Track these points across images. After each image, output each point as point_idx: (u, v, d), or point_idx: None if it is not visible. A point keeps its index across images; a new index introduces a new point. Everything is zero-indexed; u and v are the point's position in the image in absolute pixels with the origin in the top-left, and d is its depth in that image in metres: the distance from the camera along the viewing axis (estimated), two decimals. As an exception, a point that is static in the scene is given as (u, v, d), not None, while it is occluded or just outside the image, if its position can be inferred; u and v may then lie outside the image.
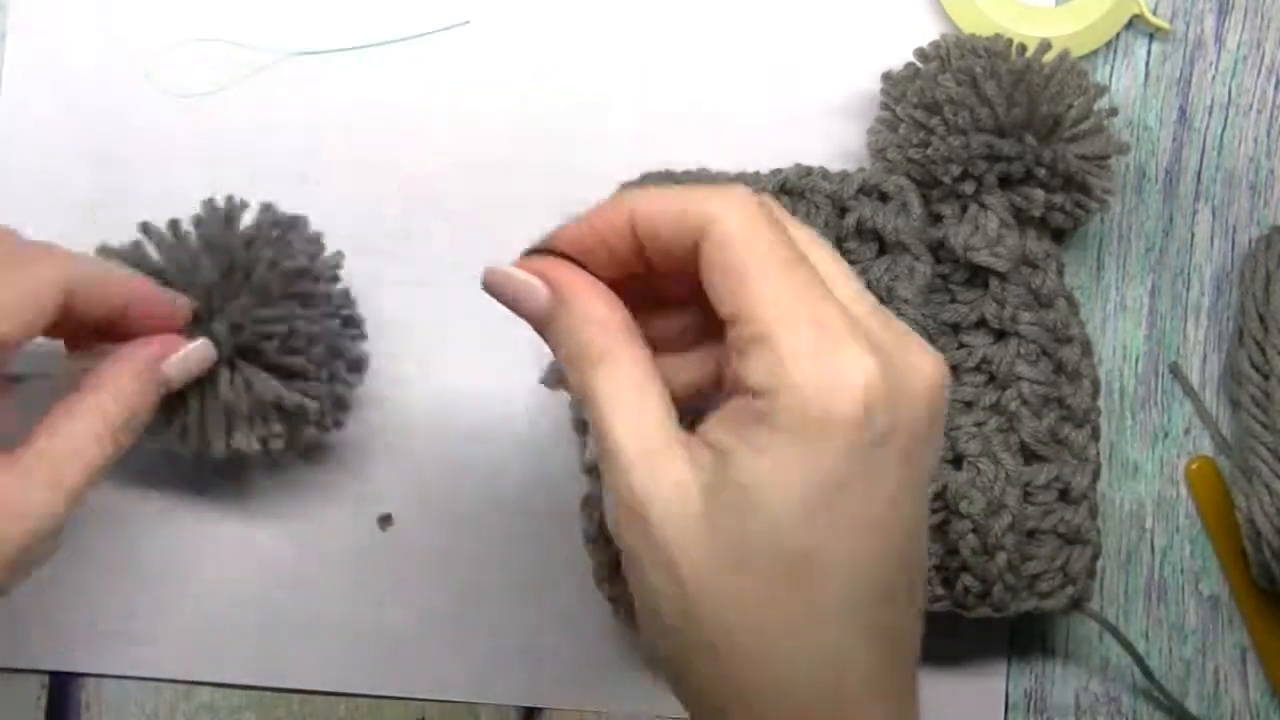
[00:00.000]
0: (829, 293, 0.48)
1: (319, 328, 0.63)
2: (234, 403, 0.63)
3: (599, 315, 0.51)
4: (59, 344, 0.61)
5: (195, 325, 0.62)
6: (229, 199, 0.64)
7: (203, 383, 0.62)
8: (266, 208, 0.64)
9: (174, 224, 0.64)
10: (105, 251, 0.64)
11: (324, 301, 0.64)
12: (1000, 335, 0.66)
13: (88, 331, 0.60)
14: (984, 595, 0.65)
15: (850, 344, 0.47)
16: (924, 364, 0.49)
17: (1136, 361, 0.71)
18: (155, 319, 0.61)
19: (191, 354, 0.62)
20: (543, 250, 0.53)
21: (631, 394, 0.49)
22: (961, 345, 0.67)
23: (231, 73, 0.69)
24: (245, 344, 0.62)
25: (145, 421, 0.60)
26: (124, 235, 0.68)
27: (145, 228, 0.64)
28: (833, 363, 0.47)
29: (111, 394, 0.58)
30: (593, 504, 0.66)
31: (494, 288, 0.52)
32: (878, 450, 0.47)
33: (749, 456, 0.47)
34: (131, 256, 0.63)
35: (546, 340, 0.52)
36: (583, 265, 0.52)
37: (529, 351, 0.69)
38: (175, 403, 0.62)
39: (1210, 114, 0.71)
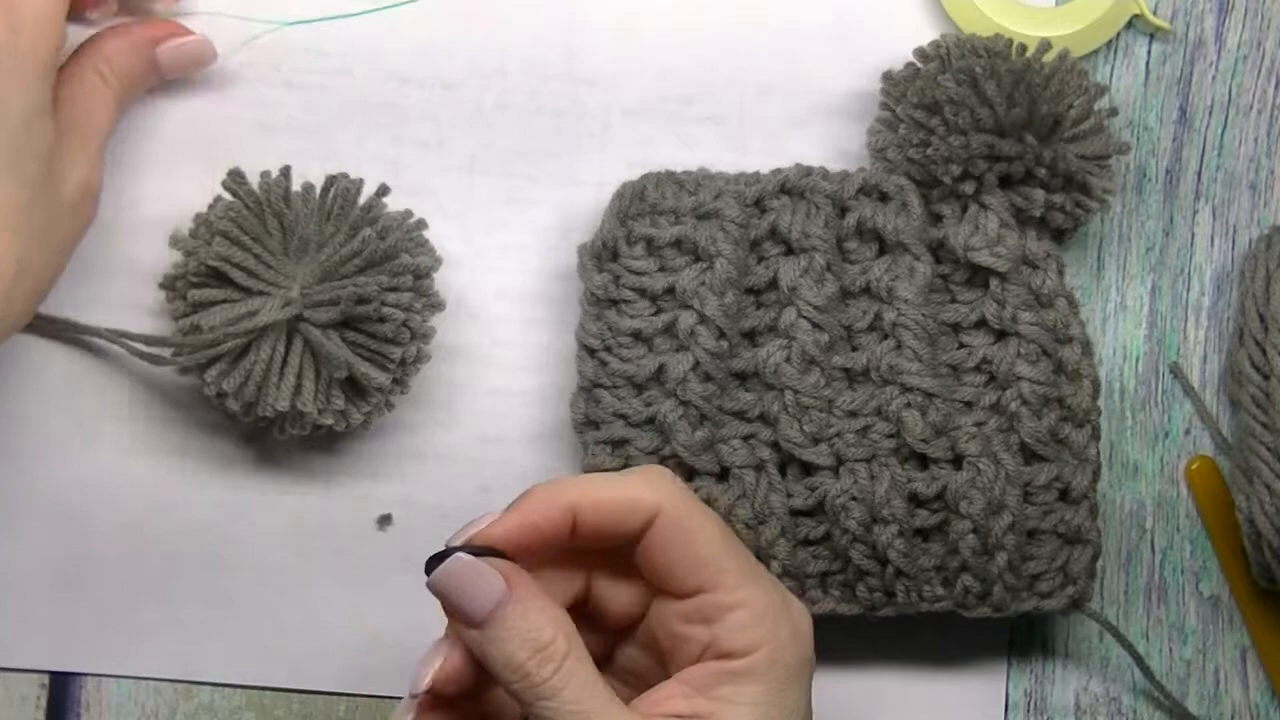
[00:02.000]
0: (749, 552, 0.57)
1: (396, 302, 0.64)
2: (305, 362, 0.63)
3: (555, 613, 0.54)
4: None
5: (276, 289, 0.63)
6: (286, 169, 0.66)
7: (278, 336, 0.63)
8: (345, 177, 0.65)
9: (257, 185, 0.65)
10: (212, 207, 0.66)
11: (403, 274, 0.64)
12: (1000, 335, 0.66)
13: None
14: (984, 595, 0.65)
15: (790, 595, 0.57)
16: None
17: (1136, 361, 0.71)
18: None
19: (188, 44, 0.65)
20: (481, 549, 0.54)
21: (599, 689, 0.53)
22: (961, 345, 0.67)
23: (232, 71, 0.69)
24: (325, 311, 0.63)
25: (141, 92, 0.65)
26: (124, 236, 0.68)
27: (234, 177, 0.65)
28: (791, 614, 0.56)
29: (105, 56, 0.63)
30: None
31: (451, 578, 0.54)
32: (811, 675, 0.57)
33: (738, 711, 0.54)
34: (220, 209, 0.65)
35: (482, 639, 0.53)
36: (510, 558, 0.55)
37: (529, 352, 0.69)
38: (248, 350, 0.63)
39: (1210, 114, 0.71)
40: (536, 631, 0.53)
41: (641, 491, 0.55)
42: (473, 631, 0.53)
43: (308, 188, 0.65)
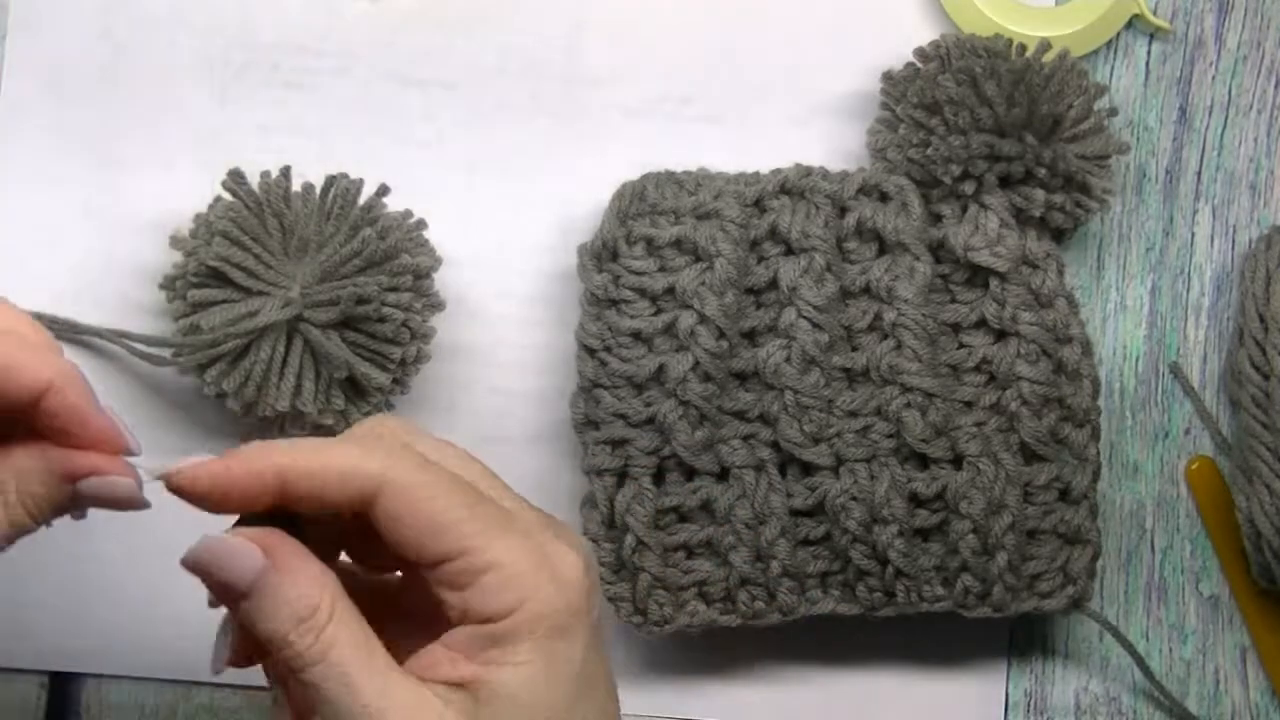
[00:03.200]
0: (501, 505, 0.52)
1: (396, 302, 0.64)
2: (305, 362, 0.63)
3: (319, 576, 0.51)
4: None
5: (276, 290, 0.63)
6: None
7: (278, 336, 0.63)
8: (345, 177, 0.65)
9: (257, 185, 0.65)
10: (199, 217, 0.65)
11: (403, 274, 0.64)
12: (1000, 335, 0.66)
13: None
14: (984, 595, 0.65)
15: (556, 543, 0.52)
16: (575, 538, 0.54)
17: (1136, 361, 0.71)
18: (79, 426, 0.52)
19: (118, 485, 0.55)
20: (247, 518, 0.52)
21: (365, 650, 0.51)
22: (961, 345, 0.67)
23: (232, 71, 0.69)
24: (324, 312, 0.63)
25: (41, 522, 0.53)
26: (124, 236, 0.68)
27: (234, 177, 0.65)
28: (553, 564, 0.51)
29: (12, 472, 0.52)
30: (592, 504, 0.66)
31: (209, 553, 0.52)
32: (596, 622, 0.53)
33: (508, 672, 0.51)
34: (220, 209, 0.64)
35: (249, 610, 0.51)
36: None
37: (529, 352, 0.69)
38: (248, 350, 0.63)
39: (1210, 114, 0.71)
40: (299, 601, 0.51)
41: (358, 461, 0.51)
42: (241, 604, 0.52)
43: (308, 188, 0.65)
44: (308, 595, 0.51)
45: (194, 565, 0.52)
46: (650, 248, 0.66)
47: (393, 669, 0.51)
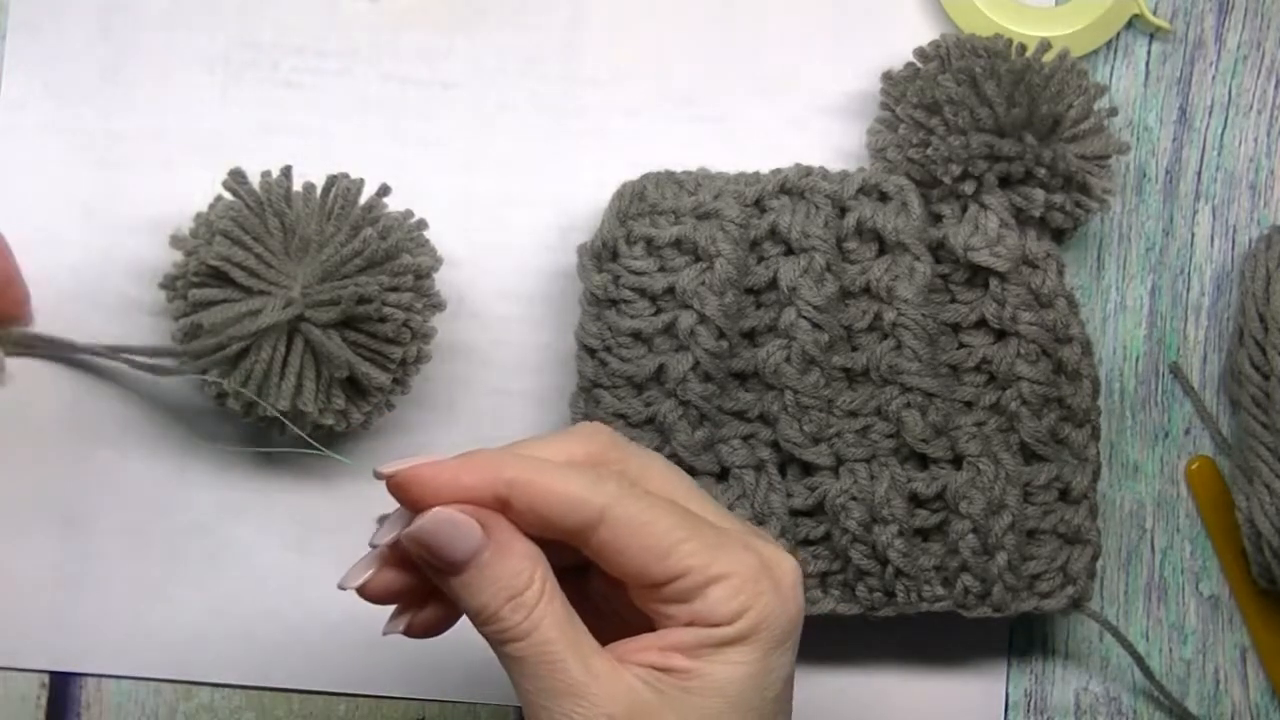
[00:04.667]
0: (711, 518, 0.54)
1: (397, 302, 0.64)
2: (306, 362, 0.63)
3: (532, 553, 0.52)
4: None
5: (277, 289, 0.62)
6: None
7: (279, 336, 0.63)
8: (345, 177, 0.65)
9: (258, 185, 0.65)
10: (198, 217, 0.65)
11: (404, 274, 0.64)
12: (1000, 335, 0.66)
13: None
14: (984, 595, 0.65)
15: (772, 550, 0.54)
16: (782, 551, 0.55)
17: (1136, 361, 0.71)
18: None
19: None
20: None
21: (570, 629, 0.52)
22: (961, 345, 0.67)
23: (232, 71, 0.69)
24: (326, 311, 0.63)
25: None
26: (124, 236, 0.68)
27: (235, 176, 0.64)
28: (774, 573, 0.53)
29: None
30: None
31: (430, 532, 0.52)
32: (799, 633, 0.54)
33: (724, 669, 0.52)
34: (220, 209, 0.64)
35: (461, 584, 0.52)
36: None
37: (529, 352, 0.69)
38: (249, 350, 0.63)
39: (1210, 114, 0.71)
40: (512, 578, 0.52)
41: (586, 492, 0.52)
42: (453, 579, 0.52)
43: (308, 187, 0.65)
44: (520, 572, 0.52)
45: (419, 538, 0.52)
46: (650, 248, 0.66)
47: (596, 650, 0.52)
